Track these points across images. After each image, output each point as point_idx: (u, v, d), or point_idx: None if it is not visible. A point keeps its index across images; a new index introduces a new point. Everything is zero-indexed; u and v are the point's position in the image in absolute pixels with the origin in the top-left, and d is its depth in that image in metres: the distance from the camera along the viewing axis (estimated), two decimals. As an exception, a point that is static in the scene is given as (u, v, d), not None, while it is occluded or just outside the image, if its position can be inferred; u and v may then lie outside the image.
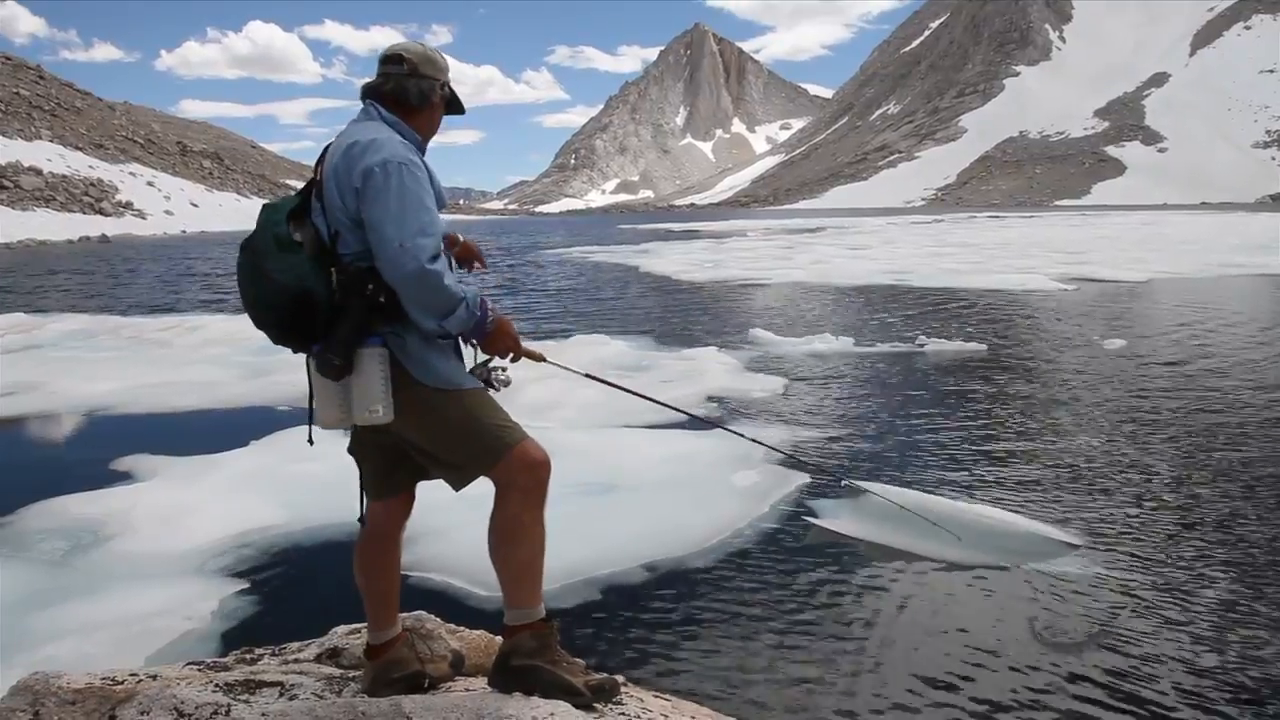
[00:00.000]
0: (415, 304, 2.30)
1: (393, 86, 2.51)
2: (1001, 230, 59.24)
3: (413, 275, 2.25)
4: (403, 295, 2.29)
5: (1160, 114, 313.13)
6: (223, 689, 2.50)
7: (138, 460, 7.44)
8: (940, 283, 23.20)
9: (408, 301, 2.30)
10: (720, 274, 27.74)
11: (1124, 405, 9.23)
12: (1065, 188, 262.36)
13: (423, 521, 3.07)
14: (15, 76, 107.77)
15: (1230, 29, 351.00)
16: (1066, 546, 5.40)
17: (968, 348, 12.56)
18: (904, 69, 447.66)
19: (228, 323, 16.87)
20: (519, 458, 2.41)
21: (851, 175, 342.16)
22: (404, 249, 2.24)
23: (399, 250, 2.24)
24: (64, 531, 5.73)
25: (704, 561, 5.32)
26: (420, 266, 2.24)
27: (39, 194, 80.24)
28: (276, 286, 2.28)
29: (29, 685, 2.51)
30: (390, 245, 2.25)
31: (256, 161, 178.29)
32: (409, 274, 2.24)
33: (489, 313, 2.44)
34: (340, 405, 2.33)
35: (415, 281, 2.25)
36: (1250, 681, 3.92)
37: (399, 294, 2.29)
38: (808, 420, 8.72)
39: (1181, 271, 25.64)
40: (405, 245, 2.24)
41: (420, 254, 2.24)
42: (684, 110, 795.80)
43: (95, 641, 4.28)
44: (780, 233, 63.44)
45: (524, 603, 2.47)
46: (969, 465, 7.20)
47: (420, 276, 2.25)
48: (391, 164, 2.30)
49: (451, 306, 2.33)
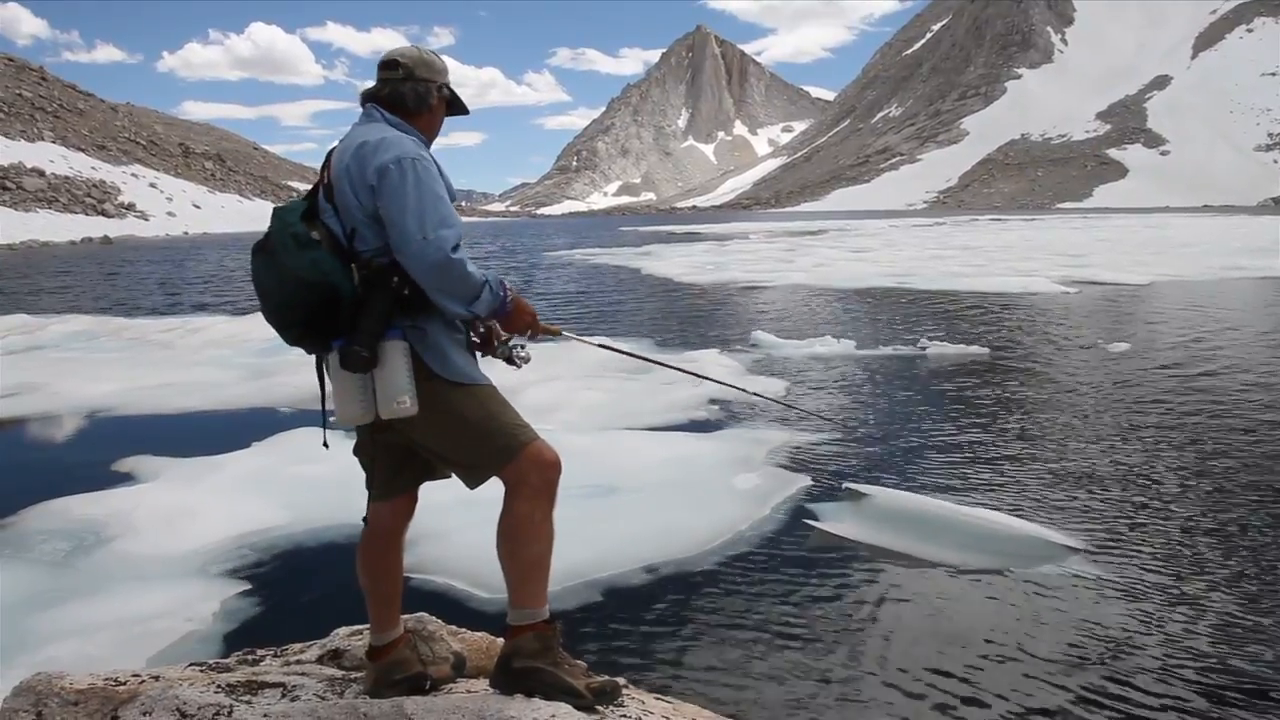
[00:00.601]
0: (442, 293, 2.33)
1: (389, 92, 2.53)
2: (1003, 233, 59.22)
3: (438, 266, 2.28)
4: (429, 286, 2.31)
5: (1162, 117, 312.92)
6: (225, 690, 2.50)
7: (139, 461, 7.45)
8: (942, 285, 23.19)
9: (434, 292, 2.32)
10: (722, 276, 27.74)
11: (1126, 408, 9.22)
12: (1067, 190, 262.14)
13: (424, 524, 3.08)
14: (18, 78, 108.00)
15: (1232, 31, 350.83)
16: (1068, 550, 5.40)
17: (970, 351, 12.55)
18: (905, 71, 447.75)
19: (230, 324, 16.90)
20: (531, 457, 2.42)
21: (853, 178, 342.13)
22: (427, 241, 2.27)
23: (423, 243, 2.27)
24: (66, 532, 5.74)
25: (705, 564, 5.32)
26: (446, 257, 2.28)
27: (42, 195, 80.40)
28: (301, 284, 2.29)
29: (32, 686, 2.52)
30: (413, 239, 2.28)
31: (259, 163, 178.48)
32: (435, 265, 2.28)
33: (507, 292, 2.48)
34: (363, 400, 2.34)
35: (441, 272, 2.29)
36: (1253, 685, 3.91)
37: (425, 285, 2.31)
38: (810, 423, 8.72)
39: (1183, 274, 25.60)
40: (428, 238, 2.28)
41: (444, 245, 2.28)
42: (686, 112, 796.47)
43: (97, 642, 4.29)
44: (782, 235, 63.47)
45: (529, 603, 2.47)
46: (970, 468, 7.20)
47: (446, 266, 2.29)
48: (405, 160, 2.33)
49: (476, 291, 2.37)
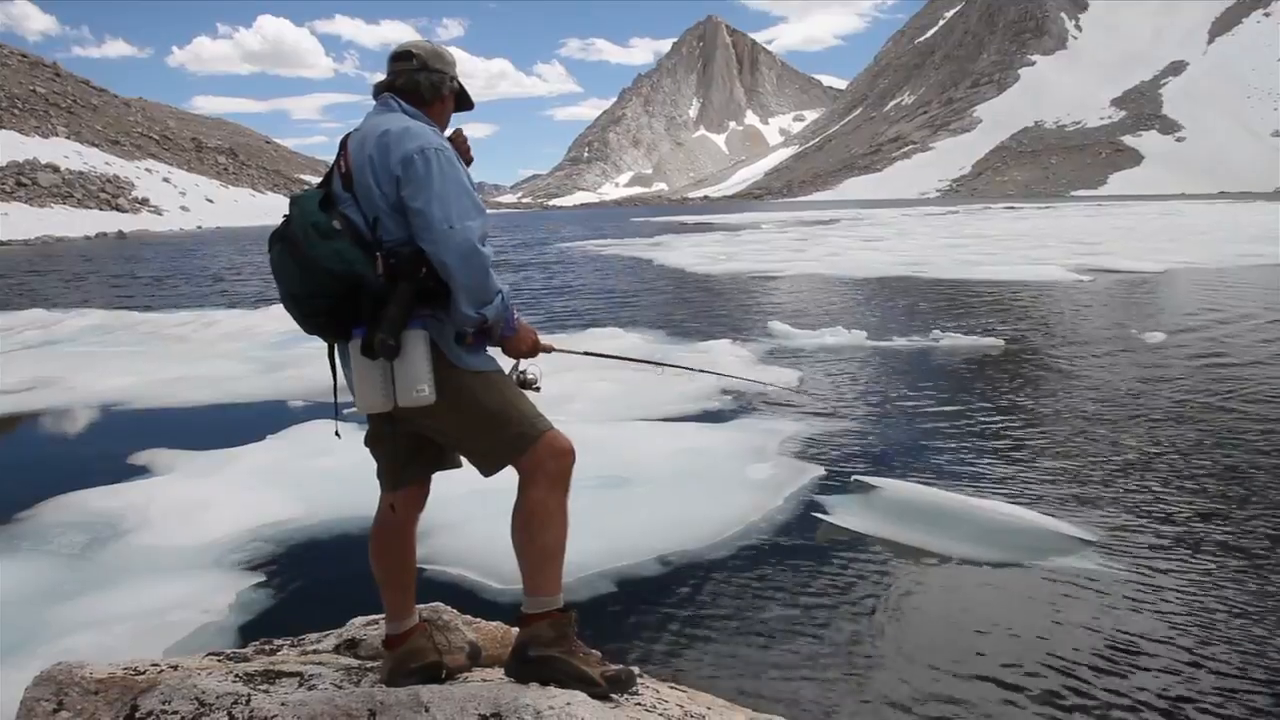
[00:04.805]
0: (463, 286, 2.32)
1: (405, 82, 2.54)
2: (1017, 221, 58.80)
3: (464, 256, 2.29)
4: (452, 276, 2.31)
5: (1178, 103, 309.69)
6: (243, 679, 2.52)
7: (155, 454, 7.50)
8: (955, 274, 23.08)
9: (456, 284, 2.32)
10: (734, 266, 27.68)
11: (1143, 398, 9.16)
12: (1081, 178, 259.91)
13: (438, 515, 3.10)
14: (32, 74, 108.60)
15: (1249, 16, 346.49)
16: (1082, 543, 5.37)
17: (983, 342, 12.48)
18: (918, 59, 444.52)
19: (243, 317, 16.98)
20: (547, 445, 2.44)
21: (865, 167, 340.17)
22: (454, 230, 2.28)
23: (449, 232, 2.28)
24: (83, 525, 5.79)
25: (717, 555, 5.33)
26: (473, 246, 2.29)
27: (56, 191, 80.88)
28: (326, 274, 2.29)
29: (53, 675, 2.54)
30: (440, 227, 2.28)
31: (271, 157, 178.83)
32: (461, 254, 2.28)
33: (514, 313, 2.51)
34: (383, 388, 2.34)
35: (466, 262, 2.29)
36: (1269, 680, 3.89)
37: (449, 275, 2.31)
38: (822, 414, 8.70)
39: (1200, 262, 25.37)
40: (455, 227, 2.28)
41: (471, 234, 2.30)
42: (697, 102, 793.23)
43: (115, 633, 4.33)
44: (794, 225, 63.22)
45: (544, 590, 2.48)
46: (983, 460, 7.18)
47: (471, 256, 2.29)
48: (430, 150, 2.34)
49: (491, 295, 2.38)
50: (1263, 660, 4.01)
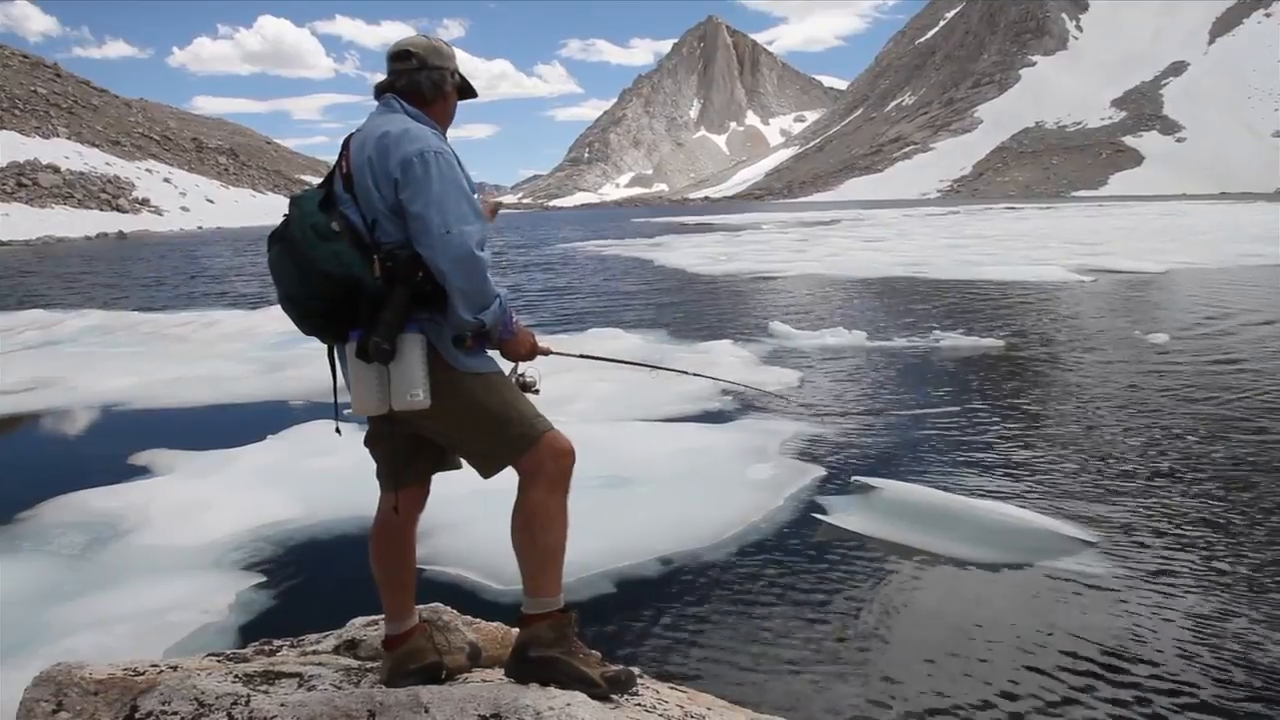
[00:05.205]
0: (460, 291, 2.31)
1: (406, 82, 2.53)
2: (1017, 221, 58.77)
3: (461, 260, 2.27)
4: (449, 280, 2.30)
5: (1179, 103, 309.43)
6: (242, 680, 2.52)
7: (155, 455, 7.51)
8: (956, 275, 23.06)
9: (453, 289, 2.31)
10: (734, 267, 27.68)
11: (1143, 399, 9.16)
12: (1082, 178, 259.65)
13: (438, 516, 3.09)
14: (33, 75, 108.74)
15: (1250, 16, 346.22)
16: (1082, 544, 5.37)
17: (984, 343, 12.47)
18: (919, 60, 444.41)
19: (244, 318, 16.99)
20: (548, 446, 2.43)
21: (866, 167, 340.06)
22: (451, 234, 2.27)
23: (447, 236, 2.27)
24: (83, 525, 5.79)
25: (718, 555, 5.33)
26: (470, 251, 2.28)
27: (57, 191, 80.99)
28: (324, 276, 2.28)
29: (52, 676, 2.54)
30: (438, 231, 2.27)
31: (271, 157, 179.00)
32: (458, 258, 2.27)
33: (512, 316, 2.49)
34: (378, 392, 2.33)
35: (463, 267, 2.28)
36: (1269, 680, 3.89)
37: (446, 279, 2.30)
38: (822, 414, 8.70)
39: (1201, 262, 25.36)
40: (452, 231, 2.27)
41: (468, 239, 2.28)
42: (698, 103, 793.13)
43: (115, 634, 4.33)
44: (795, 225, 63.21)
45: (544, 591, 2.48)
46: (984, 460, 7.17)
47: (468, 261, 2.28)
48: (429, 153, 2.32)
49: (489, 300, 2.36)
50: (1263, 660, 4.00)
